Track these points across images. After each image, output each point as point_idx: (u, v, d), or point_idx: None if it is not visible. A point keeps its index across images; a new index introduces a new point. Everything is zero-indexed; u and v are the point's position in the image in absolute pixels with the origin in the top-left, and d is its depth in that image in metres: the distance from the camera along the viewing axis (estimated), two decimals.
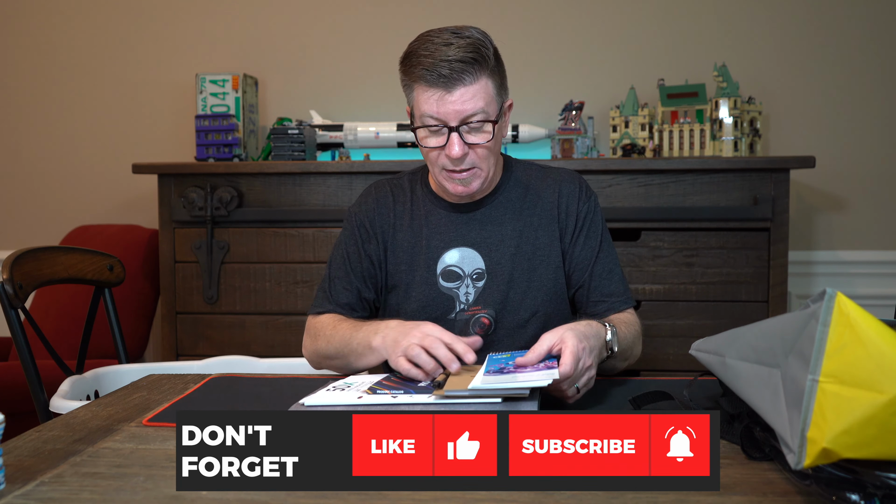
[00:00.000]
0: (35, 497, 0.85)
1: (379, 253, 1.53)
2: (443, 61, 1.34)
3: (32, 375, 1.61)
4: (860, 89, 2.86)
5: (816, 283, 2.89)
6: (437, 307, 1.49)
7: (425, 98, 1.37)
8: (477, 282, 1.50)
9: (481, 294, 1.49)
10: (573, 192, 1.53)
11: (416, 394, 1.18)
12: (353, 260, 1.54)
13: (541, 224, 1.52)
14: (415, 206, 1.55)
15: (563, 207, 1.52)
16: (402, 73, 1.42)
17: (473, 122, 1.37)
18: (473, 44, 1.36)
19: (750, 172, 2.44)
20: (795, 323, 0.81)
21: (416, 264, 1.51)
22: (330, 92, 3.04)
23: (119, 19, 3.14)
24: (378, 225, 1.54)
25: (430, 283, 1.49)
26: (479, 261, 1.50)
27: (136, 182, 3.03)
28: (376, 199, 1.57)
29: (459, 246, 1.51)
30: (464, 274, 1.50)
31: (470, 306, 1.49)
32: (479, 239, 1.51)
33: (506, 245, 1.50)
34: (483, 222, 1.51)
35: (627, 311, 1.51)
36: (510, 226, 1.51)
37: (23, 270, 1.64)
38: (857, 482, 0.76)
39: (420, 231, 1.52)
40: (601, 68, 2.94)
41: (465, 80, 1.35)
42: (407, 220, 1.54)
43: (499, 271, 1.49)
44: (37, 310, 2.78)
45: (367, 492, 0.85)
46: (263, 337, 2.60)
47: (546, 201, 1.53)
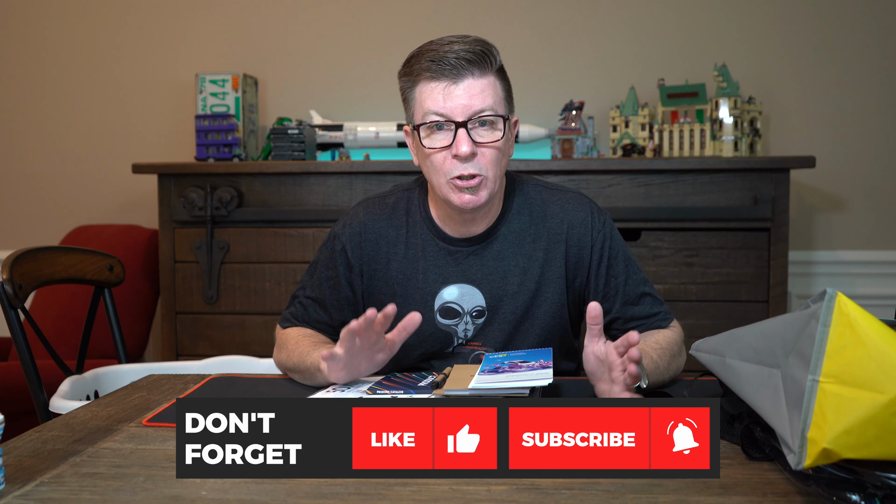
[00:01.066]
0: (35, 497, 0.85)
1: (361, 286, 1.44)
2: (449, 54, 1.27)
3: (32, 375, 1.61)
4: (860, 89, 2.86)
5: (816, 283, 2.89)
6: (434, 342, 1.42)
7: (429, 91, 1.29)
8: (477, 319, 1.42)
9: (481, 331, 1.42)
10: (585, 221, 1.42)
11: (416, 394, 1.19)
12: (330, 286, 1.45)
13: (546, 259, 1.41)
14: (410, 235, 1.44)
15: (574, 241, 1.41)
16: (404, 75, 1.34)
17: (482, 116, 1.29)
18: (480, 41, 1.30)
19: (750, 172, 2.44)
20: (795, 323, 0.81)
21: (410, 298, 1.42)
22: (330, 92, 3.04)
23: (119, 19, 3.14)
24: (365, 254, 1.43)
25: (426, 319, 1.37)
26: (480, 298, 1.41)
27: (136, 182, 3.03)
28: (363, 224, 1.44)
29: (459, 282, 1.41)
30: (463, 311, 1.41)
31: (469, 341, 1.43)
32: (481, 276, 1.41)
33: (508, 282, 1.41)
34: (484, 257, 1.41)
35: (665, 328, 1.42)
36: (513, 261, 1.41)
37: (23, 270, 1.64)
38: (857, 482, 0.76)
39: (416, 263, 1.42)
40: (601, 68, 2.94)
41: (473, 73, 1.28)
42: (401, 249, 1.43)
43: (500, 308, 1.41)
44: (37, 310, 2.78)
45: (367, 491, 0.85)
46: (263, 337, 2.60)
47: (553, 232, 1.42)
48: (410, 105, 1.35)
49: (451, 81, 1.28)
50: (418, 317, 1.24)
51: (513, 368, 1.18)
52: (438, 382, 1.19)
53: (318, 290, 1.47)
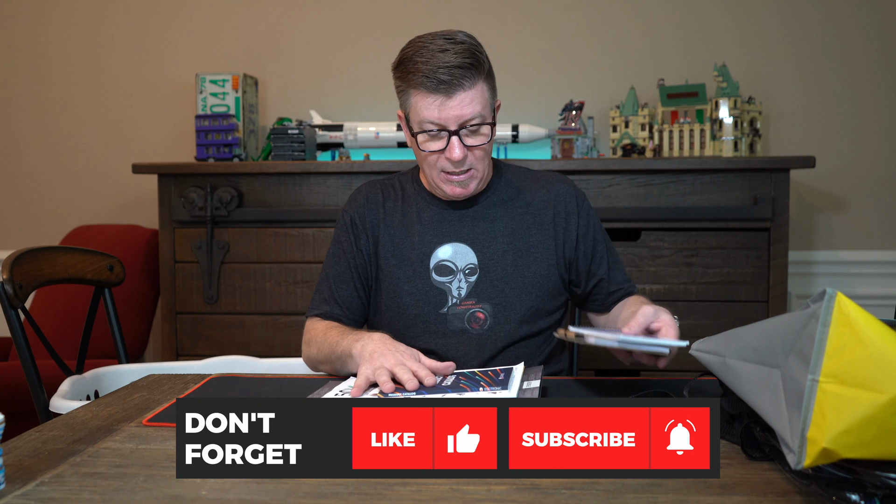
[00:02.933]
0: (35, 497, 0.85)
1: (369, 248, 1.56)
2: (441, 68, 1.38)
3: (32, 375, 1.61)
4: (860, 89, 2.86)
5: (816, 283, 2.89)
6: (430, 301, 1.51)
7: (425, 105, 1.41)
8: (470, 276, 1.52)
9: (474, 288, 1.51)
10: (569, 193, 1.58)
11: (425, 393, 1.18)
12: (349, 255, 1.57)
13: (534, 223, 1.55)
14: (406, 203, 1.58)
15: (560, 208, 1.56)
16: (398, 78, 1.45)
17: (472, 125, 1.42)
18: (469, 49, 1.40)
19: (750, 172, 2.44)
20: (795, 323, 0.81)
21: (407, 259, 1.53)
22: (330, 92, 3.04)
23: (119, 19, 3.14)
24: (368, 220, 1.57)
25: (422, 277, 1.52)
26: (472, 256, 1.52)
27: (136, 182, 3.03)
28: (366, 196, 1.60)
29: (452, 241, 1.53)
30: (456, 269, 1.52)
31: (462, 300, 1.51)
32: (472, 235, 1.53)
33: (498, 241, 1.53)
34: (475, 219, 1.54)
35: (637, 294, 1.59)
36: (502, 223, 1.54)
37: (23, 270, 1.64)
38: (857, 482, 0.76)
39: (411, 227, 1.55)
40: (601, 68, 2.94)
41: (464, 85, 1.39)
42: (398, 216, 1.57)
43: (492, 266, 1.52)
44: (37, 310, 2.78)
45: (367, 490, 0.85)
46: (263, 337, 2.60)
47: (539, 201, 1.57)
48: (406, 104, 1.47)
49: (445, 96, 1.40)
50: (453, 366, 1.32)
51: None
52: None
53: (340, 263, 1.57)
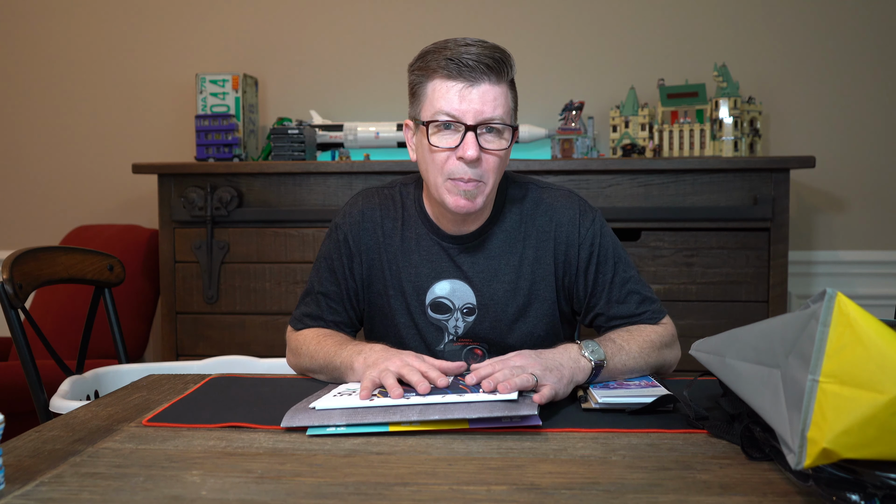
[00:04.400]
0: (35, 497, 0.85)
1: (362, 273, 1.46)
2: (467, 54, 1.27)
3: (32, 375, 1.61)
4: (860, 89, 2.86)
5: (816, 283, 2.89)
6: (425, 336, 1.44)
7: (444, 90, 1.28)
8: (467, 316, 1.43)
9: (471, 328, 1.43)
10: (572, 219, 1.43)
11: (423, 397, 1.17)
12: (340, 278, 1.47)
13: (537, 256, 1.43)
14: (405, 228, 1.45)
15: (561, 238, 1.43)
16: (416, 70, 1.33)
17: (492, 124, 1.29)
18: (498, 49, 1.30)
19: (750, 172, 2.44)
20: (795, 323, 0.81)
21: (403, 291, 1.44)
22: (330, 92, 3.04)
23: (119, 19, 3.14)
24: (363, 243, 1.46)
25: (418, 312, 1.43)
26: (471, 295, 1.42)
27: (136, 182, 3.03)
28: (362, 213, 1.47)
29: (451, 278, 1.43)
30: (454, 307, 1.43)
31: (459, 338, 1.44)
32: (472, 272, 1.42)
33: (499, 280, 1.42)
34: (476, 256, 1.43)
35: (653, 324, 1.41)
36: (504, 260, 1.43)
37: (23, 270, 1.64)
38: (857, 482, 0.76)
39: (409, 256, 1.44)
40: (601, 68, 2.94)
41: (490, 78, 1.28)
42: (397, 241, 1.45)
43: (491, 307, 1.42)
44: (37, 310, 2.78)
45: (367, 491, 0.85)
46: (263, 337, 2.60)
47: (542, 230, 1.43)
48: (420, 100, 1.34)
49: (468, 84, 1.28)
50: (464, 366, 1.25)
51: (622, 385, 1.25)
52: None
53: (327, 283, 1.48)
